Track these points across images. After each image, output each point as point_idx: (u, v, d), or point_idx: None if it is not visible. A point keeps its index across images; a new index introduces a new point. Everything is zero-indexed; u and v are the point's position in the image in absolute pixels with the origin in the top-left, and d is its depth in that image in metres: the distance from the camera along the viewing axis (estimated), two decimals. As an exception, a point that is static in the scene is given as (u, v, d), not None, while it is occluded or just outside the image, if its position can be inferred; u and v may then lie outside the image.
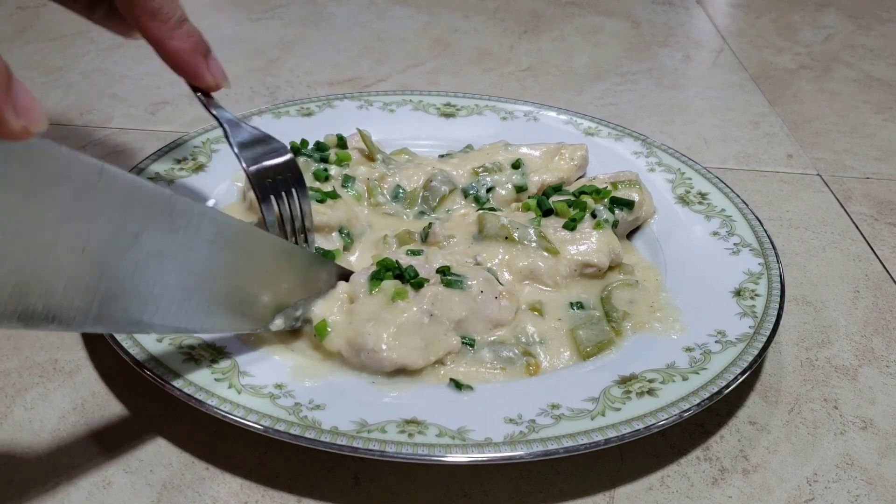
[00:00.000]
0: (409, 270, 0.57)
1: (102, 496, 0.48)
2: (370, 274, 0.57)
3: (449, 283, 0.57)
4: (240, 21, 1.25)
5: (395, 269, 0.58)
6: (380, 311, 0.54)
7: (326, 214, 0.66)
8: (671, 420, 0.49)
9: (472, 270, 0.59)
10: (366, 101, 0.87)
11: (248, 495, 0.48)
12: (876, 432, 0.55)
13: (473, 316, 0.57)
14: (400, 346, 0.53)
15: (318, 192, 0.68)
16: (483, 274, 0.59)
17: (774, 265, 0.63)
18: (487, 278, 0.59)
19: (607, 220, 0.66)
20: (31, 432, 0.52)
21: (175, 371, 0.50)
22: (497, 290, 0.59)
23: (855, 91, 1.10)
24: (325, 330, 0.55)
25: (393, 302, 0.55)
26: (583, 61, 1.16)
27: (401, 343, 0.53)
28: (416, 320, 0.54)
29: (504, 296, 0.59)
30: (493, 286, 0.59)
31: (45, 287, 0.38)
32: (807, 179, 0.87)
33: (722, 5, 1.44)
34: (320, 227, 0.66)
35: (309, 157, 0.72)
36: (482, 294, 0.58)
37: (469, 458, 0.46)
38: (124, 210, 0.40)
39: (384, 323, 0.54)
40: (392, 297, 0.55)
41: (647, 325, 0.59)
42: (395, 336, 0.53)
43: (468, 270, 0.59)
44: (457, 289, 0.57)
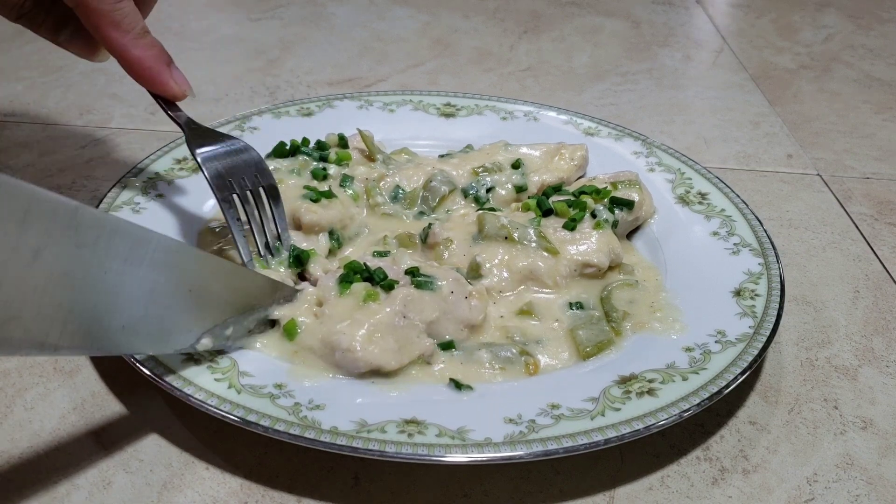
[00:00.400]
0: (379, 272, 0.57)
1: (102, 496, 0.48)
2: (338, 277, 0.57)
3: (419, 284, 0.57)
4: (240, 21, 1.25)
5: (364, 272, 0.58)
6: (352, 312, 0.54)
7: (317, 213, 0.66)
8: (671, 420, 0.49)
9: (441, 271, 0.59)
10: (366, 101, 0.87)
11: (248, 495, 0.48)
12: (876, 432, 0.55)
13: (445, 317, 0.57)
14: (374, 347, 0.53)
15: (314, 190, 0.68)
16: (452, 274, 0.59)
17: (774, 265, 0.63)
18: (457, 278, 0.59)
19: (607, 220, 0.66)
20: (31, 432, 0.52)
21: (175, 371, 0.50)
22: (467, 290, 0.59)
23: (855, 91, 1.10)
24: (295, 330, 0.55)
25: (364, 303, 0.55)
26: (583, 61, 1.16)
27: (375, 344, 0.53)
28: (389, 321, 0.54)
29: (474, 295, 0.59)
30: (463, 286, 0.59)
31: None
32: (807, 179, 0.87)
33: (722, 5, 1.44)
34: (310, 226, 0.65)
35: (308, 156, 0.72)
36: (452, 294, 0.58)
37: (469, 458, 0.46)
38: (21, 224, 0.36)
39: (358, 323, 0.54)
40: (363, 298, 0.55)
41: (647, 325, 0.59)
42: (369, 336, 0.53)
43: (437, 271, 0.59)
44: (427, 290, 0.57)
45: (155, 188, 0.69)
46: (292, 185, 0.68)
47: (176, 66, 0.63)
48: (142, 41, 0.61)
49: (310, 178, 0.70)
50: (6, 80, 1.02)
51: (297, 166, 0.70)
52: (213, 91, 1.01)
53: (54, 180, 0.79)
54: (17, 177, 0.36)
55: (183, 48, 1.13)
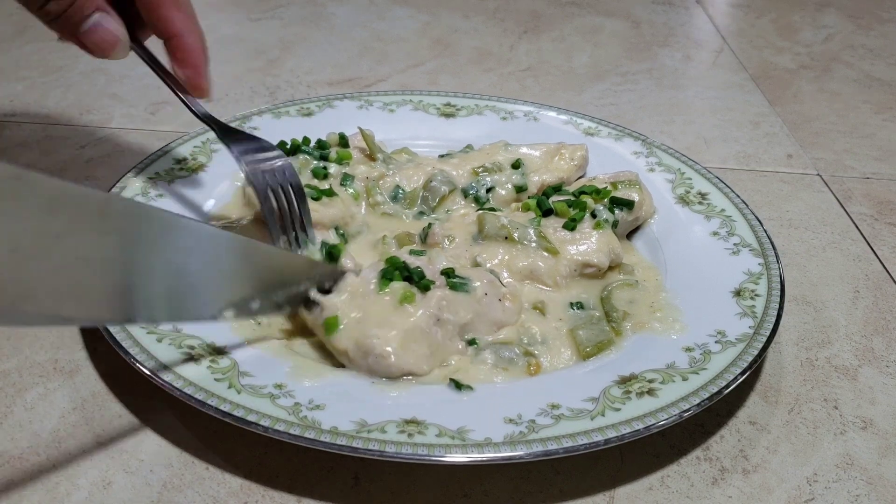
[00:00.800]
0: (417, 272, 0.57)
1: (102, 496, 0.48)
2: (381, 271, 0.57)
3: (454, 285, 0.57)
4: (240, 21, 1.25)
5: (404, 270, 0.57)
6: (388, 314, 0.54)
7: (318, 212, 0.66)
8: (671, 420, 0.49)
9: (476, 272, 0.59)
10: (366, 101, 0.87)
11: (248, 495, 0.48)
12: (876, 432, 0.55)
13: (478, 319, 0.57)
14: (407, 353, 0.53)
15: (315, 189, 0.68)
16: (486, 276, 0.59)
17: (774, 265, 0.63)
18: (491, 280, 0.59)
19: (607, 220, 0.66)
20: (31, 432, 0.52)
21: (175, 371, 0.50)
22: (501, 292, 0.59)
23: (855, 91, 1.10)
24: (336, 326, 0.54)
25: (401, 305, 0.55)
26: (583, 61, 1.16)
27: (408, 350, 0.53)
28: (423, 326, 0.54)
29: (507, 297, 0.59)
30: (497, 288, 0.59)
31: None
32: (807, 179, 0.87)
33: (722, 5, 1.44)
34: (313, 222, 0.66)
35: (308, 155, 0.72)
36: (486, 296, 0.58)
37: (469, 458, 0.46)
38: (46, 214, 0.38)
39: (391, 327, 0.53)
40: (400, 299, 0.55)
41: (647, 325, 0.59)
42: (403, 342, 0.53)
43: (472, 272, 0.59)
44: (462, 292, 0.57)
45: (155, 188, 0.69)
46: None
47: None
48: (197, 28, 0.61)
49: (310, 176, 0.70)
50: (6, 80, 1.02)
51: (297, 165, 0.70)
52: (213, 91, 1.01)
53: (54, 180, 0.79)
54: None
55: (183, 48, 1.13)
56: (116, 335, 0.52)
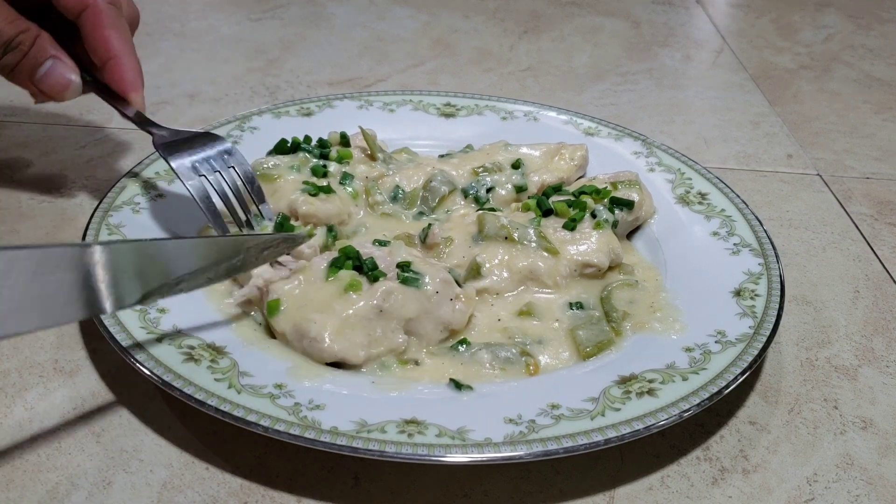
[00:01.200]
0: (369, 262, 0.57)
1: (102, 496, 0.48)
2: (330, 260, 0.58)
3: (405, 279, 0.57)
4: (240, 21, 1.25)
5: (356, 259, 0.58)
6: (331, 300, 0.55)
7: (314, 206, 0.66)
8: (671, 420, 0.49)
9: (434, 269, 0.59)
10: (366, 101, 0.87)
11: (248, 495, 0.48)
12: (876, 432, 0.55)
13: (425, 315, 0.57)
14: (342, 339, 0.54)
15: (312, 185, 0.68)
16: (442, 274, 0.59)
17: (774, 265, 0.63)
18: (445, 279, 0.59)
19: (607, 220, 0.66)
20: (31, 432, 0.52)
21: (175, 371, 0.50)
22: (453, 292, 0.58)
23: (855, 91, 1.10)
24: (277, 309, 0.55)
25: (346, 293, 0.55)
26: (583, 61, 1.16)
27: (344, 336, 0.54)
28: (363, 314, 0.55)
29: (461, 298, 0.59)
30: (451, 287, 0.58)
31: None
32: (807, 179, 0.87)
33: (722, 5, 1.44)
34: (306, 217, 0.66)
35: (308, 153, 0.72)
36: (437, 294, 0.58)
37: (469, 458, 0.46)
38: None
39: (331, 313, 0.54)
40: (346, 287, 0.55)
41: (646, 325, 0.59)
42: (340, 328, 0.54)
43: (429, 269, 0.59)
44: (412, 286, 0.57)
45: (155, 188, 0.69)
46: (291, 181, 0.69)
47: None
48: (133, 53, 0.66)
49: (310, 174, 0.70)
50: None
51: (296, 163, 0.71)
52: (213, 91, 1.01)
53: (54, 180, 0.79)
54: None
55: (183, 48, 1.13)
56: (116, 335, 0.52)
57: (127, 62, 0.65)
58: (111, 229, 0.63)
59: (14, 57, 0.61)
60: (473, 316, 0.60)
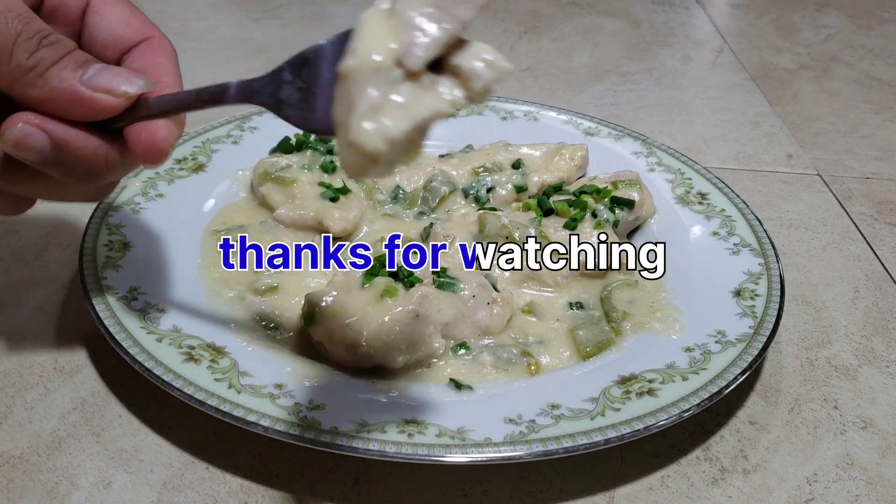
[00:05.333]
0: (403, 270, 0.57)
1: (102, 496, 0.48)
2: (366, 269, 0.57)
3: (441, 285, 0.57)
4: (240, 21, 1.25)
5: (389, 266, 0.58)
6: (367, 306, 0.55)
7: (345, 220, 0.67)
8: (671, 420, 0.49)
9: (469, 275, 0.59)
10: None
11: (248, 495, 0.48)
12: (876, 432, 0.55)
13: (462, 320, 0.57)
14: (379, 344, 0.53)
15: (330, 187, 0.68)
16: (479, 279, 0.59)
17: (774, 265, 0.63)
18: (482, 284, 0.59)
19: (608, 219, 0.66)
20: (31, 432, 0.52)
21: (175, 371, 0.50)
22: (490, 297, 0.59)
23: (855, 91, 1.10)
24: (314, 318, 0.55)
25: (382, 299, 0.55)
26: (583, 61, 1.16)
27: (381, 341, 0.53)
28: (400, 319, 0.54)
29: (497, 303, 0.59)
30: (487, 292, 0.59)
31: None
32: (807, 179, 0.87)
33: (722, 5, 1.44)
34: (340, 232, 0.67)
35: (315, 150, 0.72)
36: (474, 299, 0.58)
37: (469, 458, 0.46)
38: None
39: (367, 319, 0.54)
40: (382, 293, 0.55)
41: (646, 325, 0.59)
42: (377, 334, 0.53)
43: (465, 275, 0.59)
44: (448, 291, 0.57)
45: (155, 188, 0.69)
46: (307, 182, 0.69)
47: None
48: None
49: (321, 173, 0.70)
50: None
51: (306, 161, 0.71)
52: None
53: (54, 180, 0.79)
54: None
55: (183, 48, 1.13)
56: (116, 335, 0.52)
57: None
58: (111, 229, 0.63)
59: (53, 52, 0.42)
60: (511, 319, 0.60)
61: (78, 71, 0.42)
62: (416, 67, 0.38)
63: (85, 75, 0.42)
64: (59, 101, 0.42)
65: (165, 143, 0.43)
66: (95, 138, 0.43)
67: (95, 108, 0.42)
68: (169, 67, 0.47)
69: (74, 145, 0.42)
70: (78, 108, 0.42)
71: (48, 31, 0.42)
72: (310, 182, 0.69)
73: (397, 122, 0.38)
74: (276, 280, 0.61)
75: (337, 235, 0.67)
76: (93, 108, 0.42)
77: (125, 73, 0.43)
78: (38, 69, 0.41)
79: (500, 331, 0.58)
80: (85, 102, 0.42)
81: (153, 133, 0.43)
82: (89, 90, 0.42)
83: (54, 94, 0.41)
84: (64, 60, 0.42)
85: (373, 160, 0.38)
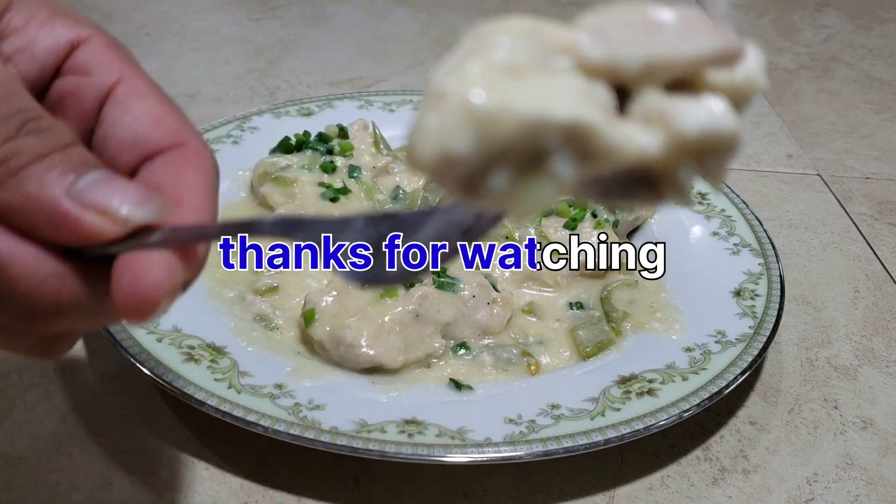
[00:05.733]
0: None
1: (102, 496, 0.48)
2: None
3: (441, 285, 0.57)
4: (240, 21, 1.25)
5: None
6: (366, 306, 0.55)
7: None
8: (671, 420, 0.49)
9: (470, 275, 0.59)
10: (366, 101, 0.87)
11: (248, 495, 0.48)
12: (876, 432, 0.55)
13: (462, 320, 0.57)
14: (379, 344, 0.53)
15: (330, 188, 0.68)
16: (479, 279, 0.59)
17: (774, 265, 0.63)
18: (482, 284, 0.59)
19: (608, 219, 0.66)
20: (31, 433, 0.52)
21: (175, 371, 0.50)
22: (490, 297, 0.59)
23: (855, 91, 1.10)
24: (313, 318, 0.55)
25: (381, 299, 0.55)
26: (583, 61, 1.16)
27: (380, 341, 0.53)
28: (399, 319, 0.54)
29: (497, 303, 0.59)
30: (488, 292, 0.59)
31: None
32: (807, 179, 0.87)
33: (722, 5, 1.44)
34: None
35: (315, 150, 0.72)
36: (474, 299, 0.58)
37: (469, 458, 0.46)
38: None
39: (367, 319, 0.54)
40: (381, 294, 0.55)
41: (646, 325, 0.59)
42: (376, 334, 0.53)
43: (465, 275, 0.59)
44: (448, 291, 0.57)
45: (155, 188, 0.69)
46: (307, 182, 0.69)
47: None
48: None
49: (321, 173, 0.71)
50: (6, 80, 1.01)
51: (306, 161, 0.71)
52: (213, 91, 1.01)
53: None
54: None
55: (183, 48, 1.13)
56: (116, 335, 0.52)
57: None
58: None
59: (38, 144, 0.28)
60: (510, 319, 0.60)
61: (68, 176, 0.28)
62: (593, 57, 0.21)
63: (77, 184, 0.28)
64: (32, 214, 0.28)
65: (156, 293, 0.28)
66: (51, 261, 0.28)
67: (79, 232, 0.28)
68: (200, 187, 0.33)
69: (14, 268, 0.28)
70: (55, 227, 0.28)
71: (37, 114, 0.29)
72: (310, 182, 0.69)
73: (508, 101, 0.20)
74: (276, 280, 0.61)
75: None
76: (76, 232, 0.28)
77: (134, 189, 0.29)
78: (10, 165, 0.28)
79: (500, 331, 0.58)
80: (67, 222, 0.28)
81: (141, 276, 0.28)
82: (77, 206, 0.28)
83: (27, 203, 0.28)
84: (52, 158, 0.28)
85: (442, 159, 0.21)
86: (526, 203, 0.21)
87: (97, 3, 1.25)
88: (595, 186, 0.22)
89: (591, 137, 0.20)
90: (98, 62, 0.33)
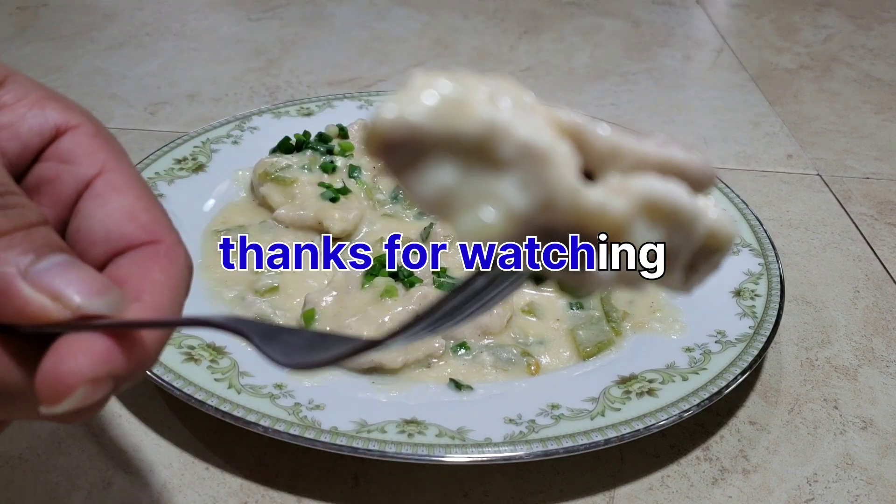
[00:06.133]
0: (403, 270, 0.57)
1: (102, 496, 0.48)
2: (366, 270, 0.58)
3: (441, 285, 0.57)
4: (240, 21, 1.25)
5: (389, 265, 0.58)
6: (366, 306, 0.55)
7: (346, 221, 0.67)
8: (671, 420, 0.49)
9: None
10: (366, 101, 0.87)
11: (248, 495, 0.48)
12: (876, 432, 0.55)
13: None
14: None
15: (330, 188, 0.68)
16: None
17: (774, 265, 0.63)
18: None
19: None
20: (31, 433, 0.52)
21: (175, 371, 0.50)
22: None
23: (855, 91, 1.10)
24: (313, 318, 0.55)
25: (382, 299, 0.55)
26: (583, 61, 1.16)
27: None
28: (399, 319, 0.54)
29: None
30: None
31: None
32: (807, 179, 0.87)
33: (722, 5, 1.44)
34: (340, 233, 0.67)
35: (315, 150, 0.72)
36: None
37: (469, 458, 0.46)
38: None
39: (367, 319, 0.54)
40: (382, 293, 0.55)
41: (646, 325, 0.59)
42: (376, 334, 0.53)
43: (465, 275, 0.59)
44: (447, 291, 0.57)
45: (155, 188, 0.69)
46: (307, 182, 0.69)
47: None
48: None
49: (321, 173, 0.71)
50: (6, 80, 1.01)
51: (306, 161, 0.71)
52: (213, 91, 1.01)
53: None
54: None
55: (183, 48, 1.13)
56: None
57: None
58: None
59: (2, 220, 0.27)
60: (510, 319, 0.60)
61: (27, 256, 0.27)
62: (566, 118, 0.22)
63: (36, 265, 0.27)
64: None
65: (72, 379, 0.25)
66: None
67: (24, 312, 0.26)
68: (165, 285, 0.31)
69: None
70: (1, 304, 0.26)
71: (8, 190, 0.28)
72: (310, 182, 0.70)
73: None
74: (276, 280, 0.61)
75: (337, 236, 0.67)
76: (20, 312, 0.26)
77: (93, 278, 0.28)
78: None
79: (500, 331, 0.58)
80: (14, 301, 0.26)
81: (63, 357, 0.25)
82: (30, 287, 0.26)
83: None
84: (13, 236, 0.27)
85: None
86: (465, 220, 0.20)
87: (97, 2, 1.25)
88: (542, 237, 0.21)
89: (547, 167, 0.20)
90: (82, 152, 0.32)
